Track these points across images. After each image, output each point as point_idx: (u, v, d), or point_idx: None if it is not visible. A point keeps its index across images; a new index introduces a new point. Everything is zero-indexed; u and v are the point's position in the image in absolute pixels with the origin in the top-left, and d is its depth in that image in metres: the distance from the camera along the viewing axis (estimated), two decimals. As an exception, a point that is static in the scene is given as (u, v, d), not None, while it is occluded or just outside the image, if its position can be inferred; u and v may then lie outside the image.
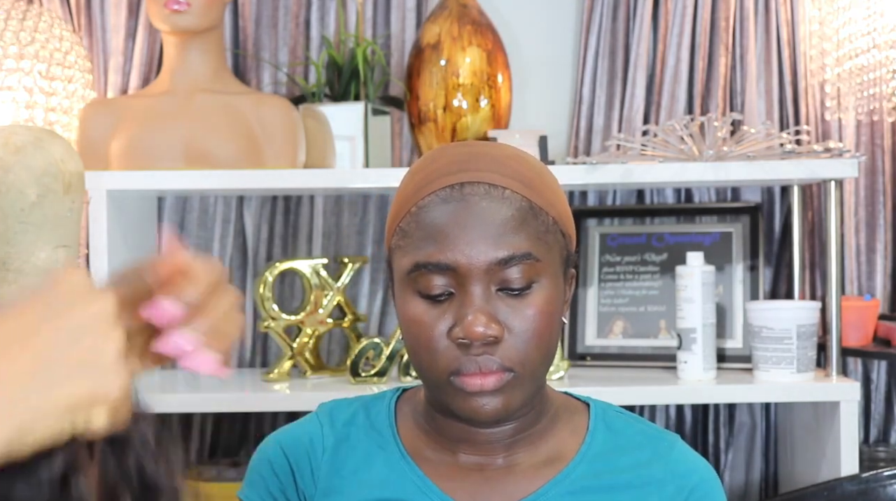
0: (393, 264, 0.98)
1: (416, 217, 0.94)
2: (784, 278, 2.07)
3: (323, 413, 1.06)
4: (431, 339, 0.93)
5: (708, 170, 1.76)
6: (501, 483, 0.99)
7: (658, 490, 1.00)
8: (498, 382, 0.92)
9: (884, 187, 2.06)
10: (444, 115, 1.93)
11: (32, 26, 1.86)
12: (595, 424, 1.03)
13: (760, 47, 2.07)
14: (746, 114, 2.05)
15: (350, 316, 1.90)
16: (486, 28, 1.96)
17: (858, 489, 1.64)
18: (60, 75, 1.88)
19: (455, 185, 0.94)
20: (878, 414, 2.07)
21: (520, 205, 0.94)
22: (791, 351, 1.75)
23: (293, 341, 1.86)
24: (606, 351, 2.01)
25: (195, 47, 1.85)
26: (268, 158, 1.83)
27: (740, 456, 2.09)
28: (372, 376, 1.82)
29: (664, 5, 2.07)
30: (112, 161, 1.83)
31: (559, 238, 0.97)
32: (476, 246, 0.92)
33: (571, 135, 2.11)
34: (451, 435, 1.00)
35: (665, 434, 1.06)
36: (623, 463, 1.01)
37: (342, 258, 1.90)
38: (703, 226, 2.03)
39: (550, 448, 1.01)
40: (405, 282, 0.95)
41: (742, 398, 1.86)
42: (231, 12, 2.10)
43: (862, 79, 1.84)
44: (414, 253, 0.94)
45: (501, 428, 0.99)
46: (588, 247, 2.06)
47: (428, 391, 1.01)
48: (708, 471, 1.04)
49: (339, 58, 1.95)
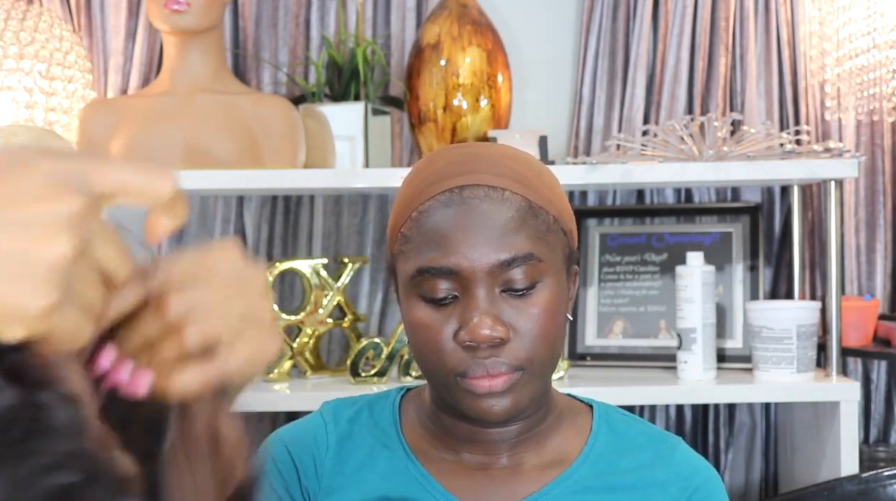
0: (396, 269, 0.99)
1: (417, 222, 0.95)
2: (784, 278, 2.07)
3: (327, 411, 1.07)
4: (438, 343, 0.94)
5: (708, 170, 1.76)
6: (505, 483, 1.00)
7: (661, 491, 1.00)
8: (506, 383, 0.93)
9: (884, 187, 2.06)
10: (444, 115, 1.93)
11: (32, 26, 1.86)
12: (598, 425, 1.04)
13: (760, 47, 2.07)
14: (746, 114, 2.05)
15: (350, 316, 1.90)
16: (486, 28, 1.96)
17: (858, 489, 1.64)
18: (60, 75, 1.88)
19: (455, 189, 0.94)
20: (878, 414, 2.07)
21: (519, 206, 0.94)
22: (791, 351, 1.75)
23: (293, 341, 1.86)
24: (606, 351, 2.01)
25: (195, 47, 1.85)
26: (268, 158, 1.83)
27: (740, 456, 2.09)
28: (372, 376, 1.82)
29: (664, 5, 2.07)
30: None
31: (560, 236, 0.97)
32: (478, 249, 0.92)
33: (571, 135, 2.11)
34: (455, 435, 1.01)
35: (668, 436, 1.06)
36: (626, 464, 1.01)
37: (342, 258, 1.90)
38: (703, 226, 2.03)
39: (554, 448, 1.02)
40: (409, 287, 0.95)
41: (742, 398, 1.86)
42: (231, 12, 2.10)
43: (862, 79, 1.85)
44: (417, 258, 0.94)
45: (506, 428, 0.99)
46: (588, 247, 2.06)
47: (435, 392, 1.01)
48: (711, 472, 1.04)
49: (339, 58, 1.95)
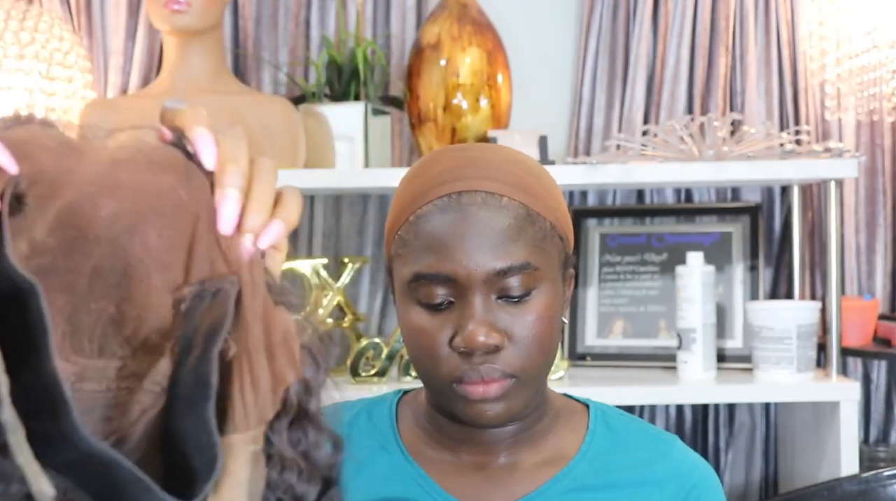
0: (393, 272, 0.99)
1: (415, 226, 0.95)
2: (784, 278, 2.07)
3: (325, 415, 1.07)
4: (433, 348, 0.94)
5: (708, 170, 1.76)
6: (503, 482, 1.00)
7: (659, 489, 1.00)
8: (500, 389, 0.93)
9: (884, 187, 2.06)
10: (444, 115, 1.93)
11: (32, 26, 1.86)
12: (595, 424, 1.04)
13: (760, 47, 2.07)
14: (746, 114, 2.05)
15: (350, 316, 1.90)
16: (486, 28, 1.96)
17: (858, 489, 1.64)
18: (60, 75, 1.88)
19: (452, 194, 0.94)
20: (878, 414, 2.07)
21: (517, 213, 0.94)
22: (791, 351, 1.75)
23: (293, 341, 1.86)
24: (606, 351, 2.01)
25: (195, 47, 1.85)
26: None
27: (740, 456, 2.09)
28: (372, 376, 1.82)
29: (664, 5, 2.07)
30: (112, 161, 1.82)
31: (557, 242, 0.97)
32: (475, 256, 0.92)
33: (571, 135, 2.11)
34: (452, 436, 1.01)
35: (664, 434, 1.06)
36: (623, 463, 1.01)
37: (342, 258, 1.90)
38: (703, 226, 2.03)
39: (551, 447, 1.02)
40: (406, 291, 0.96)
41: (742, 398, 1.86)
42: (231, 12, 2.10)
43: (862, 79, 1.84)
44: (413, 263, 0.94)
45: (503, 429, 1.00)
46: (588, 247, 2.06)
47: (431, 395, 1.01)
48: (708, 470, 1.04)
49: (339, 58, 1.95)
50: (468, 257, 0.92)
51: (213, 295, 0.54)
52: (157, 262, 0.54)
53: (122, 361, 0.52)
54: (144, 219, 0.54)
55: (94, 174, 0.54)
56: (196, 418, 0.50)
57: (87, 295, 0.52)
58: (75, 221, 0.52)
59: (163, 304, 0.54)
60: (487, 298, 0.93)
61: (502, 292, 0.93)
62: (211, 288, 0.54)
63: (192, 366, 0.52)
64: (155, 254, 0.54)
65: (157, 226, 0.54)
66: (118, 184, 0.54)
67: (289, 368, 0.55)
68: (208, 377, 0.51)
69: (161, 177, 0.55)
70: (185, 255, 0.55)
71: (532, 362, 0.94)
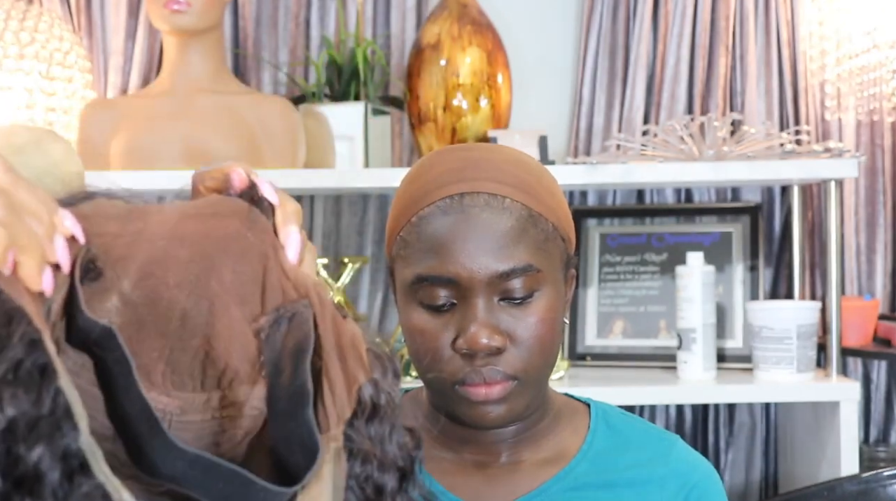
0: (395, 273, 0.98)
1: (417, 227, 0.94)
2: (784, 278, 2.07)
3: None
4: (435, 349, 0.94)
5: (708, 170, 1.76)
6: (504, 480, 1.00)
7: (660, 488, 1.00)
8: (502, 391, 0.93)
9: (884, 187, 2.06)
10: (444, 115, 1.92)
11: (32, 26, 1.86)
12: (596, 423, 1.04)
13: (760, 47, 2.07)
14: (746, 114, 2.05)
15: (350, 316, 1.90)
16: (486, 28, 1.96)
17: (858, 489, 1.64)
18: (60, 75, 1.88)
19: (455, 196, 0.93)
20: (878, 414, 2.07)
21: (520, 215, 0.94)
22: (791, 351, 1.75)
23: (293, 341, 1.86)
24: (606, 351, 2.01)
25: (195, 47, 1.85)
26: (268, 158, 1.83)
27: (740, 456, 2.09)
28: (372, 376, 1.81)
29: (664, 5, 2.07)
30: (112, 161, 1.83)
31: (559, 243, 0.97)
32: (477, 259, 0.92)
33: (571, 135, 2.11)
34: (454, 436, 1.01)
35: (666, 434, 1.06)
36: (625, 461, 1.01)
37: (342, 258, 1.90)
38: (703, 226, 2.03)
39: (553, 446, 1.02)
40: (408, 293, 0.95)
41: (742, 398, 1.86)
42: (231, 12, 2.10)
43: (862, 79, 1.84)
44: (416, 264, 0.94)
45: (504, 429, 1.00)
46: (588, 247, 2.06)
47: (432, 396, 1.01)
48: (709, 469, 1.05)
49: (339, 58, 1.95)
50: (471, 259, 0.92)
51: (289, 320, 0.61)
52: (235, 297, 0.60)
53: (221, 392, 0.59)
54: (217, 259, 0.60)
55: (164, 229, 0.60)
56: (298, 422, 0.56)
57: (180, 335, 0.58)
58: (156, 271, 0.58)
59: (246, 333, 0.60)
60: (490, 300, 0.93)
61: (504, 294, 0.93)
62: (286, 313, 0.61)
63: (287, 383, 0.57)
64: (231, 289, 0.60)
65: (229, 264, 0.60)
66: (187, 233, 0.60)
67: (359, 370, 0.61)
68: (305, 386, 0.57)
69: (227, 223, 0.61)
70: (258, 288, 0.61)
71: (534, 364, 0.94)
